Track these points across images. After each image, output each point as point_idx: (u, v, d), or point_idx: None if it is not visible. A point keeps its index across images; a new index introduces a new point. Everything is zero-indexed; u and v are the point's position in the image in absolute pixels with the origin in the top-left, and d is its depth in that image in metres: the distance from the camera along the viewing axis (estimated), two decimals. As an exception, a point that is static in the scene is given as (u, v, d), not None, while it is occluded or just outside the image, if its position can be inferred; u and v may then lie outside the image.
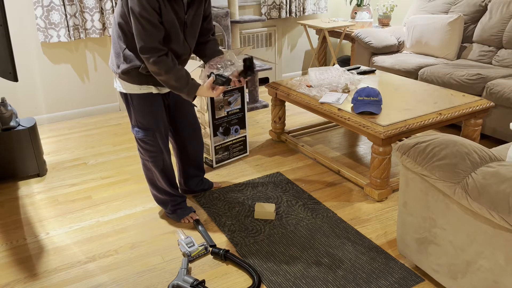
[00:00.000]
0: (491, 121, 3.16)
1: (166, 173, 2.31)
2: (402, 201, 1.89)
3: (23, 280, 2.02)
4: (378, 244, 2.19)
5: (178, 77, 2.00)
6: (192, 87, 2.05)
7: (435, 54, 3.90)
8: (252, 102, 4.19)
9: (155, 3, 1.88)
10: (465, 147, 1.61)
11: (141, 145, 2.23)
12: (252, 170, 2.97)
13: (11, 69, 2.30)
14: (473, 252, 1.58)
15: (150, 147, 2.21)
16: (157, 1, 1.88)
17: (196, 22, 2.12)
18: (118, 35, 2.04)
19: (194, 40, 2.17)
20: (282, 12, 4.66)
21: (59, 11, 3.60)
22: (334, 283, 1.94)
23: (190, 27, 2.09)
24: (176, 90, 2.04)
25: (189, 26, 2.08)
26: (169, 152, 2.30)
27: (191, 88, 2.04)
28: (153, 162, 2.25)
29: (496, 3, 3.66)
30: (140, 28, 1.89)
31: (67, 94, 3.96)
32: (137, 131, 2.19)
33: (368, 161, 3.07)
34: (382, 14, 4.75)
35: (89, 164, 3.15)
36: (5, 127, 2.78)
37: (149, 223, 2.43)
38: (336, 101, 2.76)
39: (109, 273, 2.05)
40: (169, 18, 1.95)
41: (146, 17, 1.87)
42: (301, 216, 2.43)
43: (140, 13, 1.86)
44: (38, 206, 2.62)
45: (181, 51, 2.10)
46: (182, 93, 2.05)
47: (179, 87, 2.02)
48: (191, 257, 2.10)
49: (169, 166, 2.32)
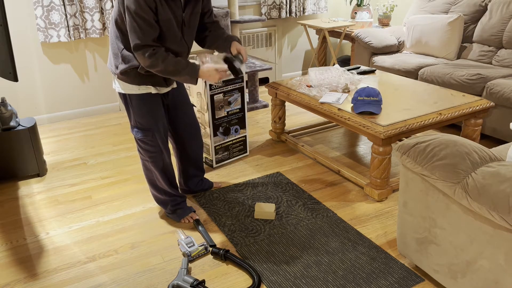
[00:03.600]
0: (491, 121, 3.16)
1: (166, 173, 2.31)
2: (402, 201, 1.89)
3: (23, 280, 2.02)
4: (378, 244, 2.19)
5: (176, 61, 1.98)
6: (192, 68, 2.02)
7: (435, 54, 3.90)
8: (252, 102, 4.19)
9: (151, 2, 1.87)
10: (465, 147, 1.61)
11: (140, 146, 2.23)
12: (252, 170, 2.97)
13: (11, 69, 2.30)
14: (473, 252, 1.58)
15: (149, 147, 2.21)
16: (154, 0, 1.88)
17: (194, 20, 2.11)
18: (116, 35, 2.04)
19: (192, 38, 2.17)
20: (282, 12, 4.66)
21: (59, 11, 3.60)
22: (334, 283, 1.94)
23: (187, 26, 2.09)
24: (176, 74, 2.00)
25: (186, 24, 2.08)
26: (169, 152, 2.29)
27: (191, 69, 2.02)
28: (152, 162, 2.25)
29: (496, 3, 3.66)
30: (135, 25, 1.89)
31: (67, 94, 3.96)
32: (137, 132, 2.19)
33: (368, 161, 3.07)
34: (382, 14, 4.75)
35: (89, 164, 3.15)
36: (5, 127, 2.78)
37: (149, 223, 2.43)
38: (336, 101, 2.76)
39: (109, 273, 2.05)
40: (165, 17, 1.95)
41: (142, 16, 1.87)
42: (301, 216, 2.43)
43: (135, 11, 1.86)
44: (38, 206, 2.62)
45: (179, 49, 2.10)
46: (182, 75, 2.01)
47: (179, 70, 1.99)
48: (191, 257, 2.10)
49: (169, 166, 2.32)
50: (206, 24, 2.28)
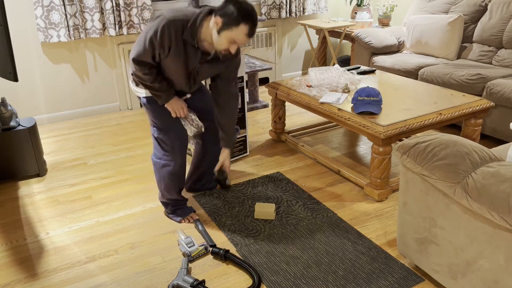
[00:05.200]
0: (491, 121, 3.16)
1: (176, 177, 2.32)
2: (402, 201, 1.89)
3: (23, 280, 2.02)
4: (378, 244, 2.19)
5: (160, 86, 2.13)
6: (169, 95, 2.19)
7: (435, 54, 3.90)
8: (252, 102, 4.19)
9: (167, 42, 1.99)
10: (465, 147, 1.61)
11: (158, 143, 2.28)
12: (252, 170, 2.97)
13: (11, 69, 2.30)
14: (473, 252, 1.58)
15: (165, 146, 2.26)
16: (170, 41, 1.98)
17: (207, 73, 2.21)
18: None
19: (198, 83, 2.27)
20: (282, 12, 4.66)
21: (59, 11, 3.60)
22: (334, 283, 1.94)
23: (199, 75, 2.20)
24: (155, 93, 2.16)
25: (199, 74, 2.19)
26: (184, 159, 2.31)
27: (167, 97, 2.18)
28: (165, 162, 2.28)
29: (496, 3, 3.66)
30: (142, 46, 2.02)
31: (67, 94, 3.96)
32: (154, 130, 2.28)
33: (368, 161, 3.07)
34: (382, 14, 4.75)
35: (89, 164, 3.15)
36: (5, 127, 2.78)
37: (149, 223, 2.43)
38: (336, 101, 2.76)
39: (109, 273, 2.05)
40: (175, 59, 2.05)
41: (153, 43, 1.99)
42: (301, 216, 2.43)
43: (151, 37, 1.98)
44: (38, 206, 2.62)
45: (182, 86, 2.22)
46: (160, 96, 2.17)
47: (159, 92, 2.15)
48: (191, 257, 2.10)
49: (180, 173, 2.33)
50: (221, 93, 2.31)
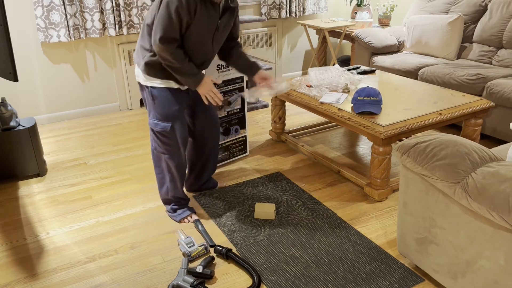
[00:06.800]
0: (491, 121, 3.16)
1: (180, 171, 2.33)
2: (402, 201, 1.89)
3: (23, 280, 2.02)
4: (378, 244, 2.19)
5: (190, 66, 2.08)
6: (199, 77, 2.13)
7: (435, 54, 3.90)
8: (252, 102, 4.19)
9: (193, 5, 1.95)
10: (465, 147, 1.61)
11: (159, 138, 2.24)
12: (252, 170, 2.97)
13: (11, 69, 2.30)
14: (473, 252, 1.58)
15: (168, 140, 2.23)
16: (195, 3, 1.96)
17: (226, 29, 2.22)
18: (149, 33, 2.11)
19: (219, 46, 2.26)
20: (282, 12, 4.66)
21: (59, 11, 3.60)
22: (334, 283, 1.94)
23: (220, 33, 2.19)
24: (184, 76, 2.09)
25: (220, 31, 2.18)
26: (185, 150, 2.33)
27: (198, 79, 2.12)
28: (170, 156, 2.27)
29: (496, 3, 3.66)
30: (167, 20, 1.95)
31: (67, 94, 3.96)
32: (156, 124, 2.21)
33: (368, 161, 3.07)
34: (382, 14, 4.75)
35: (89, 164, 3.15)
36: (5, 127, 2.78)
37: (149, 223, 2.43)
38: (336, 101, 2.76)
39: (109, 273, 2.05)
40: (201, 22, 2.03)
41: (179, 14, 1.94)
42: (301, 216, 2.43)
43: (176, 6, 1.93)
44: (38, 206, 2.62)
45: (205, 53, 2.18)
46: (189, 79, 2.11)
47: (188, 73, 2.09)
48: (191, 257, 2.10)
49: (183, 166, 2.35)
50: (232, 41, 2.40)
